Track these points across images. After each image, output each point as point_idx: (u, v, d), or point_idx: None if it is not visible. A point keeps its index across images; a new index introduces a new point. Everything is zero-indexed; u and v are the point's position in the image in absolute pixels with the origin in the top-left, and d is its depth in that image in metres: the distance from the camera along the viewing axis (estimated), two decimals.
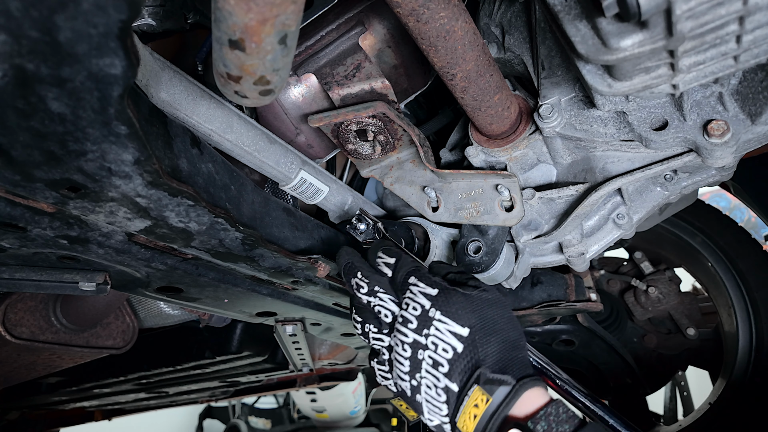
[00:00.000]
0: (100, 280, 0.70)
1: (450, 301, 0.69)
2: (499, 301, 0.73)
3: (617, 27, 0.57)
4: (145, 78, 0.64)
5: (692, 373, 2.21)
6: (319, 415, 5.03)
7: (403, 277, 0.76)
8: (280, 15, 0.42)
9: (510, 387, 0.63)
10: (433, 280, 0.73)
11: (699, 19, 0.54)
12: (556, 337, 1.82)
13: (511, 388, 0.63)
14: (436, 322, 0.69)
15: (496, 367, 0.65)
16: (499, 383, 0.63)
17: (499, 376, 0.63)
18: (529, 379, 0.64)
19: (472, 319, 0.68)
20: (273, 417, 5.59)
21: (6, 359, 1.34)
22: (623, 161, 0.84)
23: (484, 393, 0.63)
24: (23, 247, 0.59)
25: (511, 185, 0.89)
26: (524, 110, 0.90)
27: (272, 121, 0.90)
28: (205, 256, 0.73)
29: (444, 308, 0.69)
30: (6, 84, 0.36)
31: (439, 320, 0.68)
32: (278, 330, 1.32)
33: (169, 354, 1.66)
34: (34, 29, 0.34)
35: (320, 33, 0.84)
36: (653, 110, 0.77)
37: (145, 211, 0.57)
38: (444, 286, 0.72)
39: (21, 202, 0.51)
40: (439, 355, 0.67)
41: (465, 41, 0.67)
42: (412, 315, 0.71)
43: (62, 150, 0.44)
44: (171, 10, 0.84)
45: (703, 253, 1.86)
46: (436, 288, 0.72)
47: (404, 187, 1.00)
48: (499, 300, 0.73)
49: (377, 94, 0.85)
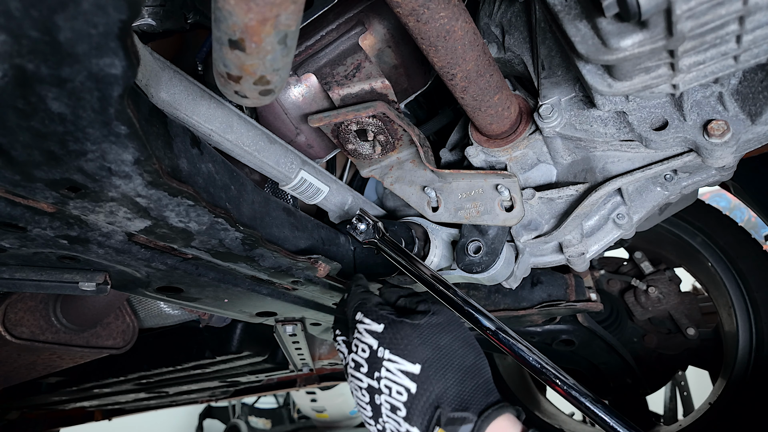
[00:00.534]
0: (100, 280, 0.70)
1: (397, 337, 0.65)
2: (451, 322, 0.69)
3: (617, 27, 0.57)
4: (145, 78, 0.64)
5: (692, 373, 2.21)
6: (319, 415, 5.03)
7: (352, 313, 0.72)
8: (280, 15, 0.42)
9: (472, 424, 0.60)
10: (379, 313, 0.69)
11: (699, 19, 0.54)
12: (556, 337, 1.82)
13: (473, 425, 0.60)
14: (385, 362, 0.65)
15: (456, 401, 0.62)
16: (461, 422, 0.60)
17: (459, 414, 0.60)
18: (492, 410, 0.61)
19: (424, 352, 0.64)
20: (273, 417, 5.59)
21: (6, 359, 1.34)
22: (623, 161, 0.84)
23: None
24: (23, 247, 0.59)
25: (511, 185, 0.89)
26: (524, 110, 0.90)
27: (272, 121, 0.90)
28: (205, 256, 0.73)
29: (392, 346, 0.65)
30: (6, 84, 0.36)
31: (388, 360, 0.65)
32: (278, 330, 1.32)
33: (169, 354, 1.66)
34: (34, 29, 0.34)
35: (320, 33, 0.83)
36: (653, 110, 0.77)
37: (145, 211, 0.57)
38: (391, 319, 0.68)
39: (21, 202, 0.51)
40: (395, 399, 0.64)
41: (465, 41, 0.67)
42: (361, 358, 0.68)
43: (62, 150, 0.44)
44: (171, 10, 0.84)
45: (703, 253, 1.86)
46: (381, 323, 0.67)
47: (404, 187, 1.00)
48: (450, 322, 0.69)
49: (377, 94, 0.85)
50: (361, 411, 0.70)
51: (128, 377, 1.83)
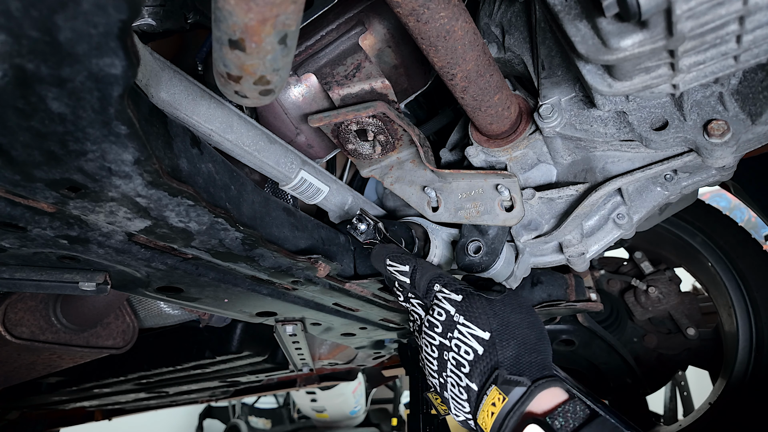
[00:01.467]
0: (100, 280, 0.70)
1: (473, 307, 0.74)
2: (522, 305, 0.76)
3: (617, 27, 0.57)
4: (145, 78, 0.64)
5: (692, 373, 2.21)
6: (319, 414, 5.03)
7: (427, 284, 0.81)
8: (280, 15, 0.42)
9: (525, 387, 0.66)
10: (458, 286, 0.78)
11: (699, 19, 0.54)
12: (557, 337, 1.82)
13: (526, 388, 0.66)
14: (459, 326, 0.73)
15: (514, 369, 0.68)
16: (516, 384, 0.66)
17: (515, 378, 0.67)
18: (545, 380, 0.67)
19: (493, 323, 0.72)
20: (273, 417, 5.60)
21: (6, 359, 1.34)
22: (623, 161, 0.84)
23: (501, 393, 0.66)
24: (23, 247, 0.59)
25: (511, 185, 0.89)
26: (524, 110, 0.90)
27: (272, 121, 0.90)
28: (205, 256, 0.73)
29: (467, 313, 0.73)
30: (6, 84, 0.36)
31: (462, 324, 0.73)
32: (278, 330, 1.32)
33: (169, 354, 1.66)
34: (34, 29, 0.34)
35: (320, 33, 0.83)
36: (653, 110, 0.76)
37: (145, 211, 0.57)
38: (469, 291, 0.76)
39: (21, 202, 0.51)
40: (462, 357, 0.72)
41: (465, 41, 0.67)
42: (437, 320, 0.76)
43: (62, 150, 0.44)
44: (171, 10, 0.84)
45: (703, 253, 1.86)
46: (460, 294, 0.76)
47: (404, 187, 1.00)
48: (522, 304, 0.76)
49: (377, 94, 0.85)
50: (426, 365, 0.79)
51: (128, 377, 1.83)
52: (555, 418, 0.63)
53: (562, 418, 0.63)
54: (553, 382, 0.67)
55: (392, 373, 3.42)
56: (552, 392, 0.66)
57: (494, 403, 0.67)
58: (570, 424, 0.62)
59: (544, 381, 0.67)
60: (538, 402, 0.66)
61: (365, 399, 5.06)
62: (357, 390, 4.80)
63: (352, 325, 1.33)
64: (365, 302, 1.17)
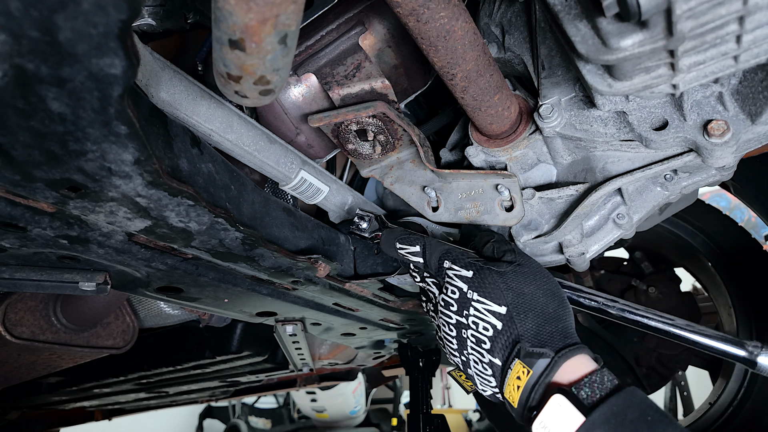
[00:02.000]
0: (101, 280, 0.70)
1: (485, 282, 0.73)
2: (537, 273, 0.75)
3: (617, 27, 0.57)
4: (145, 78, 0.64)
5: (692, 373, 2.21)
6: (319, 414, 5.03)
7: (437, 261, 0.80)
8: (280, 15, 0.42)
9: (549, 359, 0.66)
10: (467, 261, 0.77)
11: (699, 19, 0.54)
12: None
13: (550, 359, 0.65)
14: (474, 303, 0.72)
15: (535, 340, 0.68)
16: (539, 356, 0.66)
17: (537, 350, 0.66)
18: (569, 350, 0.66)
19: (509, 296, 0.71)
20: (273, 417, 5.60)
21: (6, 359, 1.34)
22: (623, 161, 0.84)
23: (525, 366, 0.66)
24: (23, 247, 0.59)
25: (511, 185, 0.89)
26: (524, 110, 0.90)
27: (272, 120, 0.90)
28: (206, 255, 0.74)
29: (480, 289, 0.72)
30: (6, 84, 0.36)
31: (477, 301, 0.72)
32: (278, 330, 1.32)
33: (169, 354, 1.66)
34: (34, 29, 0.34)
35: (320, 33, 0.83)
36: (653, 110, 0.76)
37: (145, 211, 0.57)
38: (479, 266, 0.75)
39: (21, 201, 0.51)
40: (481, 334, 0.71)
41: (465, 41, 0.67)
42: (451, 298, 0.76)
43: (62, 150, 0.44)
44: (171, 9, 0.84)
45: (703, 253, 1.86)
46: (470, 270, 0.75)
47: (404, 187, 1.00)
48: (536, 273, 0.75)
49: (377, 94, 0.85)
50: (445, 345, 0.79)
51: (128, 377, 1.83)
52: (581, 388, 0.62)
53: (588, 387, 0.62)
54: (576, 350, 0.66)
55: (392, 373, 3.42)
56: (577, 361, 0.66)
57: (519, 377, 0.66)
58: (596, 394, 0.61)
59: (568, 350, 0.66)
60: (562, 372, 0.65)
61: (365, 399, 5.07)
62: (357, 390, 4.81)
63: (352, 325, 1.33)
64: (365, 302, 1.17)
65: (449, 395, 7.28)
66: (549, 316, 0.70)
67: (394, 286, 1.17)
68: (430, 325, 1.58)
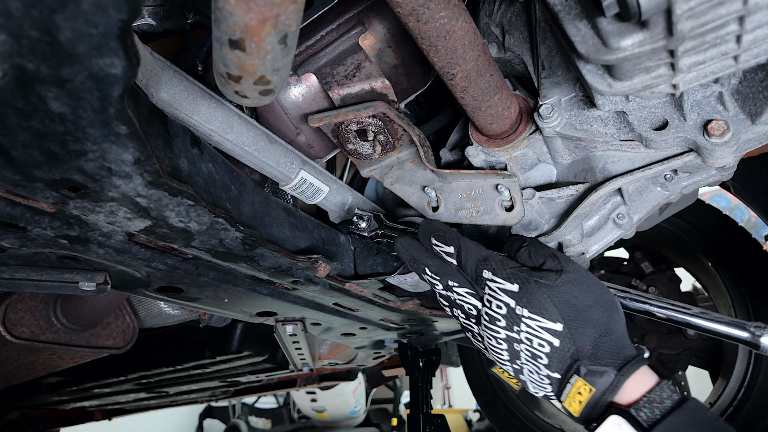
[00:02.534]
0: (101, 280, 0.70)
1: (534, 297, 0.69)
2: (586, 280, 0.71)
3: (617, 27, 0.57)
4: (145, 78, 0.64)
5: (692, 373, 2.21)
6: (319, 414, 5.03)
7: (475, 269, 0.76)
8: (280, 15, 0.42)
9: (612, 377, 0.64)
10: (509, 272, 0.72)
11: (699, 19, 0.54)
12: None
13: (613, 378, 0.64)
14: (526, 320, 0.69)
15: (595, 358, 0.66)
16: (600, 374, 0.64)
17: (598, 368, 0.64)
18: (630, 365, 0.64)
19: (564, 311, 0.68)
20: (273, 417, 5.60)
21: (6, 359, 1.34)
22: (623, 161, 0.84)
23: (587, 383, 0.64)
24: (23, 247, 0.59)
25: (512, 185, 0.89)
26: (524, 110, 0.90)
27: (272, 120, 0.90)
28: (206, 255, 0.74)
29: (530, 305, 0.69)
30: (6, 84, 0.36)
31: (529, 318, 0.69)
32: (278, 330, 1.32)
33: (170, 354, 1.66)
34: (35, 29, 0.34)
35: (320, 33, 0.83)
36: (653, 110, 0.76)
37: (146, 211, 0.57)
38: (524, 278, 0.71)
39: (21, 201, 0.51)
40: (536, 350, 0.69)
41: (465, 41, 0.67)
42: (498, 314, 0.72)
43: (62, 150, 0.44)
44: (171, 9, 0.84)
45: (703, 253, 1.86)
46: (515, 282, 0.71)
47: (404, 187, 1.00)
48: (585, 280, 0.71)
49: (377, 93, 0.85)
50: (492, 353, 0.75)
51: (128, 377, 1.83)
52: (640, 409, 0.61)
53: (647, 408, 0.61)
54: (637, 364, 0.65)
55: (392, 373, 3.42)
56: (638, 377, 0.64)
57: (580, 392, 0.65)
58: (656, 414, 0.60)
59: (629, 366, 0.64)
60: (624, 390, 0.63)
61: (365, 399, 5.07)
62: (357, 390, 4.81)
63: (352, 325, 1.33)
64: (365, 302, 1.17)
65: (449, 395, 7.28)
66: (605, 328, 0.67)
67: (394, 286, 1.17)
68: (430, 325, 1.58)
